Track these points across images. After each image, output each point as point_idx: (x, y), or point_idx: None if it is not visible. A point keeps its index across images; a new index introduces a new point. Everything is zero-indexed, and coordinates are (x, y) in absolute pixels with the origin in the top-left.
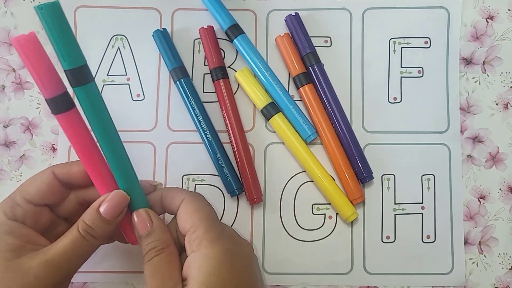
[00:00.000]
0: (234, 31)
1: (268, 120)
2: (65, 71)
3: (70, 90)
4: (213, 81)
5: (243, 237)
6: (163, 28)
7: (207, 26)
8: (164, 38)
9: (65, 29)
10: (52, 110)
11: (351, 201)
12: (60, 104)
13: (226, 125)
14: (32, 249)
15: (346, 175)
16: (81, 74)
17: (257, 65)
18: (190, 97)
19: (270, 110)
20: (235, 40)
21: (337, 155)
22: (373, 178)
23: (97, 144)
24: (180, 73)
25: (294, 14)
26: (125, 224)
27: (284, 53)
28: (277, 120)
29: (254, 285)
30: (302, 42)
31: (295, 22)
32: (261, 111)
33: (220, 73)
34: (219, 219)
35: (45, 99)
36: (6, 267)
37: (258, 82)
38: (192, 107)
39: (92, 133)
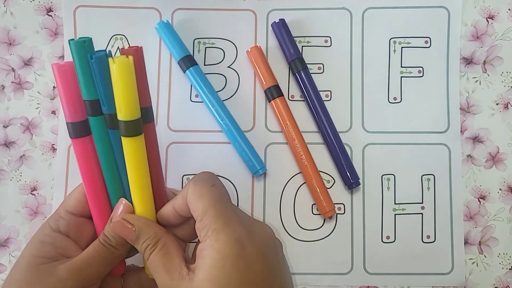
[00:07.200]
0: (187, 62)
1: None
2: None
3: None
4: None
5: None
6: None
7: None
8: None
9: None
10: (71, 134)
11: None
12: (80, 129)
13: None
14: (65, 261)
15: (318, 190)
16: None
17: (207, 96)
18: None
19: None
20: (187, 71)
21: (309, 170)
22: (359, 184)
23: (102, 173)
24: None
25: (278, 21)
26: None
27: (255, 66)
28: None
29: (268, 275)
30: (289, 48)
31: (281, 29)
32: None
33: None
34: None
35: (67, 123)
36: (34, 269)
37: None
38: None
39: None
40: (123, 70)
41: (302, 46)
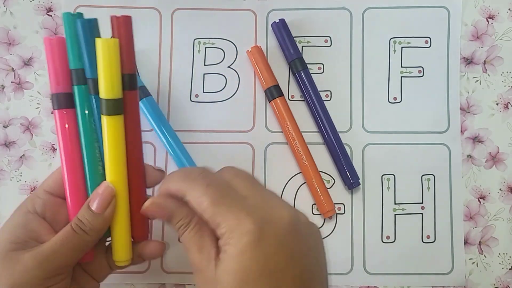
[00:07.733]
0: (140, 93)
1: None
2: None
3: None
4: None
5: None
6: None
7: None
8: None
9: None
10: (54, 105)
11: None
12: (63, 101)
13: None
14: (34, 246)
15: (318, 190)
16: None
17: (160, 129)
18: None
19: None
20: (140, 102)
21: (309, 170)
22: (359, 184)
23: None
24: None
25: (278, 21)
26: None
27: (255, 66)
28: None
29: (287, 264)
30: (289, 48)
31: (281, 29)
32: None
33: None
34: None
35: (51, 95)
36: (4, 255)
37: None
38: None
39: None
40: (107, 51)
41: (302, 46)
